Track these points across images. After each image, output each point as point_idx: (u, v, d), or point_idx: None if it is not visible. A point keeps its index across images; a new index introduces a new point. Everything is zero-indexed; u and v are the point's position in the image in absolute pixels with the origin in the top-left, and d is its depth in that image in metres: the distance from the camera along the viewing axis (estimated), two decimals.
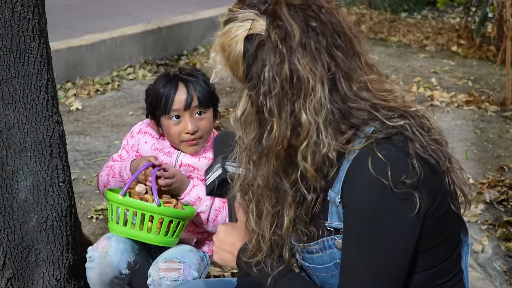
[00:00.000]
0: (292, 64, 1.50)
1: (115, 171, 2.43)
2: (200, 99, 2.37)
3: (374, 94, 1.56)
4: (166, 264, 2.26)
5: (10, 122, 2.23)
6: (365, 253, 1.52)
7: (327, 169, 1.55)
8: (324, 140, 1.51)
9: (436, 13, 8.64)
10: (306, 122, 1.50)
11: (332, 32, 1.53)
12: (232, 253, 1.73)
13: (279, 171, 1.56)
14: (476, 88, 5.66)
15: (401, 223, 1.50)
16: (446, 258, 1.62)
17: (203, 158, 2.42)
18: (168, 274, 2.24)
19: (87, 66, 5.54)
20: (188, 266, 2.27)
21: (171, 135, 2.39)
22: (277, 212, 1.61)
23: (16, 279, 2.31)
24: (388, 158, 1.48)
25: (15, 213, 2.27)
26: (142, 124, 2.53)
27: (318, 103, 1.50)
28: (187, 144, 2.39)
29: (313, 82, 1.49)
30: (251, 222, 1.64)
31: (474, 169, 4.08)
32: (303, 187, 1.57)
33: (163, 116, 2.39)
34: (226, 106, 4.99)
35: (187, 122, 2.36)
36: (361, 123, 1.54)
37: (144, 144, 2.46)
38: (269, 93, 1.51)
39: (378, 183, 1.47)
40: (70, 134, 4.40)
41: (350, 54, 1.55)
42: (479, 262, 3.17)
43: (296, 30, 1.50)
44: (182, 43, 6.41)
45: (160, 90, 2.39)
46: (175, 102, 2.36)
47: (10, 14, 2.19)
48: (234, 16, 1.57)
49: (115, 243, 2.28)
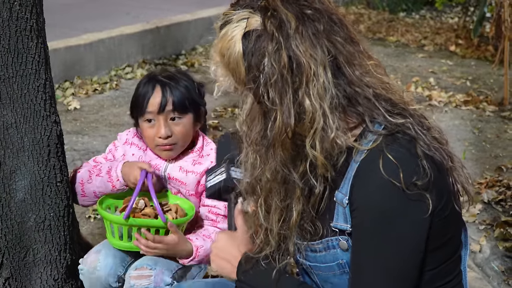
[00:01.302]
0: (291, 50, 1.49)
1: (103, 170, 2.35)
2: (176, 103, 2.29)
3: (377, 79, 1.56)
4: (137, 271, 2.22)
5: (8, 122, 2.23)
6: (379, 255, 1.51)
7: (336, 156, 1.54)
8: (332, 125, 1.50)
9: (434, 13, 8.65)
10: (310, 108, 1.49)
11: (328, 20, 1.53)
12: (230, 263, 1.72)
13: (287, 162, 1.55)
14: (474, 88, 5.67)
15: (413, 225, 1.50)
16: (446, 259, 1.62)
17: (191, 173, 2.34)
18: (138, 282, 2.20)
19: (85, 66, 5.54)
20: (161, 272, 2.22)
21: (146, 137, 2.34)
22: (286, 206, 1.60)
23: (13, 279, 2.30)
24: (399, 160, 1.48)
25: (12, 213, 2.27)
26: (129, 133, 2.46)
27: (322, 87, 1.49)
28: (161, 148, 2.32)
29: (315, 67, 1.49)
30: (260, 216, 1.63)
31: (472, 169, 4.08)
32: (312, 179, 1.56)
33: (139, 118, 2.34)
34: (224, 105, 5.00)
35: (160, 126, 2.29)
36: (366, 112, 1.54)
37: (131, 156, 2.40)
38: (268, 81, 1.50)
39: (390, 185, 1.47)
40: (68, 134, 4.40)
41: (348, 39, 1.55)
42: (477, 262, 3.18)
43: (292, 18, 1.50)
44: (181, 43, 6.41)
45: (139, 90, 2.35)
46: (150, 104, 2.29)
47: (8, 14, 2.18)
48: (228, 19, 1.57)
49: (104, 257, 2.26)
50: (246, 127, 1.59)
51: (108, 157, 2.45)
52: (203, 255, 2.26)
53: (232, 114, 4.86)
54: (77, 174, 2.40)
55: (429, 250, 1.56)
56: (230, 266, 1.72)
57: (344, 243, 1.58)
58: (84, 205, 2.47)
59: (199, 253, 2.25)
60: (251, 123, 1.58)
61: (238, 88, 1.61)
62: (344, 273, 1.62)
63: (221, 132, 4.55)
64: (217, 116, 4.84)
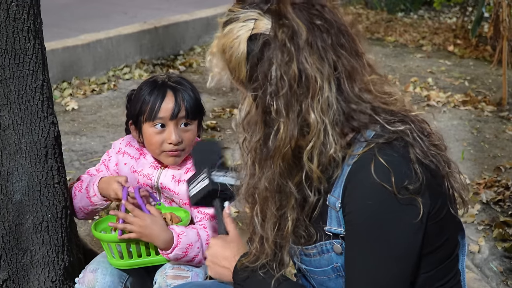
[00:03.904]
0: (300, 63, 1.47)
1: (83, 185, 2.35)
2: (188, 110, 2.27)
3: (375, 95, 1.55)
4: (174, 271, 2.19)
5: (5, 123, 2.22)
6: (371, 258, 1.51)
7: (332, 170, 1.54)
8: (331, 140, 1.50)
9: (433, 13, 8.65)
10: (314, 122, 1.48)
11: (337, 31, 1.52)
12: (226, 268, 1.72)
13: (284, 173, 1.55)
14: (472, 88, 5.67)
15: (406, 228, 1.50)
16: (444, 261, 1.62)
17: (183, 182, 2.28)
18: (176, 282, 2.15)
19: (83, 66, 5.53)
20: (196, 275, 2.20)
21: (152, 143, 2.29)
22: (282, 215, 1.59)
23: (11, 281, 2.30)
24: (390, 164, 1.48)
25: (10, 214, 2.26)
26: (122, 142, 2.43)
27: (326, 102, 1.48)
28: (168, 154, 2.28)
29: (321, 82, 1.48)
30: (257, 225, 1.61)
31: (470, 170, 4.08)
32: (307, 189, 1.55)
33: (146, 123, 2.28)
34: (222, 106, 4.99)
35: (171, 132, 2.26)
36: (362, 126, 1.53)
37: (123, 166, 2.38)
38: (276, 93, 1.48)
39: (381, 189, 1.47)
40: (66, 134, 4.39)
41: (353, 53, 1.54)
42: (475, 262, 3.17)
43: (303, 28, 1.47)
44: (179, 43, 6.41)
45: (146, 96, 2.28)
46: (162, 110, 2.25)
47: (5, 15, 2.17)
48: (235, 17, 1.53)
49: (102, 276, 2.22)
50: (244, 132, 1.58)
51: (101, 168, 2.44)
52: (185, 242, 2.17)
53: (230, 114, 4.86)
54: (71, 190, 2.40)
55: (424, 253, 1.56)
56: (228, 271, 1.72)
57: (338, 246, 1.58)
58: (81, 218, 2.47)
59: (180, 239, 2.16)
60: (250, 129, 1.56)
61: (235, 85, 1.59)
62: (340, 276, 1.62)
63: (219, 133, 4.54)
64: (215, 116, 4.84)
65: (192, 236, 2.18)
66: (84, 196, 2.34)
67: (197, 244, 2.19)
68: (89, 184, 2.33)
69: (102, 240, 2.22)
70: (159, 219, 2.17)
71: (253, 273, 1.65)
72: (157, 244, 2.16)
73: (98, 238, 2.23)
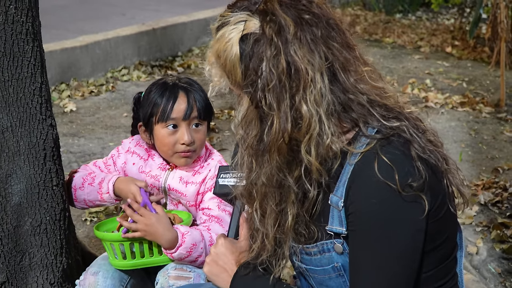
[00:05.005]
0: (289, 56, 1.49)
1: (96, 180, 2.33)
2: (200, 110, 2.29)
3: (371, 85, 1.57)
4: (176, 271, 2.19)
5: (4, 125, 2.22)
6: (377, 257, 1.52)
7: (331, 161, 1.55)
8: (327, 130, 1.51)
9: (431, 14, 8.66)
10: (307, 114, 1.50)
11: (326, 24, 1.54)
12: (225, 271, 1.72)
13: (282, 167, 1.56)
14: (470, 90, 5.67)
15: (411, 226, 1.51)
16: (443, 260, 1.63)
17: (191, 184, 2.31)
18: (178, 283, 2.16)
19: (81, 68, 5.53)
20: (198, 276, 2.20)
21: (165, 145, 2.29)
22: (281, 210, 1.60)
23: (9, 283, 2.29)
24: (393, 162, 1.49)
25: (8, 217, 2.26)
26: (132, 142, 2.42)
27: (319, 93, 1.50)
28: (180, 155, 2.29)
29: (312, 73, 1.49)
30: (256, 220, 1.63)
31: (468, 171, 4.08)
32: (307, 183, 1.56)
33: (158, 124, 2.28)
34: (221, 107, 4.99)
35: (184, 132, 2.27)
36: (360, 117, 1.54)
37: (132, 166, 2.38)
38: (266, 86, 1.50)
39: (386, 187, 1.48)
40: (64, 136, 4.39)
41: (345, 45, 1.56)
42: (473, 264, 3.17)
43: (290, 23, 1.50)
44: (177, 44, 6.41)
45: (158, 98, 2.28)
46: (175, 110, 2.26)
47: (4, 17, 2.18)
48: (226, 21, 1.57)
49: (102, 279, 2.22)
50: (242, 130, 1.59)
51: (108, 162, 2.43)
52: (190, 242, 2.16)
53: (229, 116, 4.86)
54: (73, 178, 2.39)
55: (424, 252, 1.57)
56: (225, 274, 1.72)
57: (339, 246, 1.58)
58: (78, 207, 2.45)
59: (185, 239, 2.16)
60: (247, 126, 1.58)
61: (233, 89, 1.62)
62: (340, 276, 1.62)
63: (217, 134, 4.55)
64: (214, 118, 4.83)
65: (196, 236, 2.18)
66: (95, 191, 2.32)
67: (201, 245, 2.19)
68: (104, 180, 2.31)
69: (106, 239, 2.21)
70: (164, 218, 2.17)
71: (253, 270, 1.67)
72: (161, 243, 2.16)
73: (101, 238, 2.23)
